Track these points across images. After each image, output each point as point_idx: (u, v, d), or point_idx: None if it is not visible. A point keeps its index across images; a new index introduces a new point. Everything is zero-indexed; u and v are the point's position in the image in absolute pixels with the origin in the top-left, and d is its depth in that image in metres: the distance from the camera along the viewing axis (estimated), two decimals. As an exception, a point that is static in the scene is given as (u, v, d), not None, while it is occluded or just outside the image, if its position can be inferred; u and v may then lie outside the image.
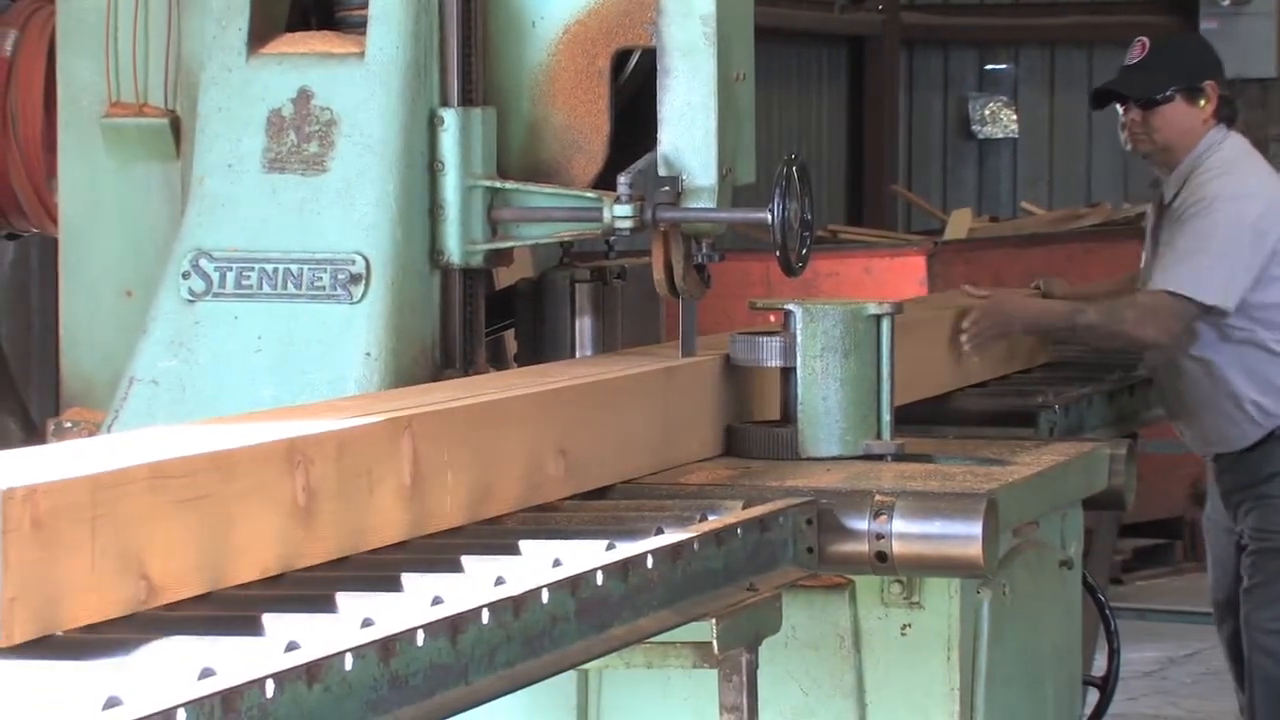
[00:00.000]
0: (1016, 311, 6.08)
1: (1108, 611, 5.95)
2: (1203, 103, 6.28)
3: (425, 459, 3.57)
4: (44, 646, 2.74)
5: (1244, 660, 6.34)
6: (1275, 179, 6.36)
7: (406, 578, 3.14)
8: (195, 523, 3.04)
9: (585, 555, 3.33)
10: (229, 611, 2.98)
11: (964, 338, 5.78)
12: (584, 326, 5.02)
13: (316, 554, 3.31)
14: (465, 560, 3.28)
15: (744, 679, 3.79)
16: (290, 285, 4.63)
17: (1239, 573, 6.36)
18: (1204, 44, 7.19)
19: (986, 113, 15.36)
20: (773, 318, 4.71)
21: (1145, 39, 6.39)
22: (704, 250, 4.68)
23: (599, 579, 3.26)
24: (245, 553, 3.15)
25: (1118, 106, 6.34)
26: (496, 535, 3.61)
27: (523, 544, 3.43)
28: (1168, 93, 6.23)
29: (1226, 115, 6.37)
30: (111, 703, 2.43)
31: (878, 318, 4.64)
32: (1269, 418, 6.16)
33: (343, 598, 3.00)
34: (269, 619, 2.87)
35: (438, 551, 3.42)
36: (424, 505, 3.59)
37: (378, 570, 3.26)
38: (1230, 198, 6.13)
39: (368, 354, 4.57)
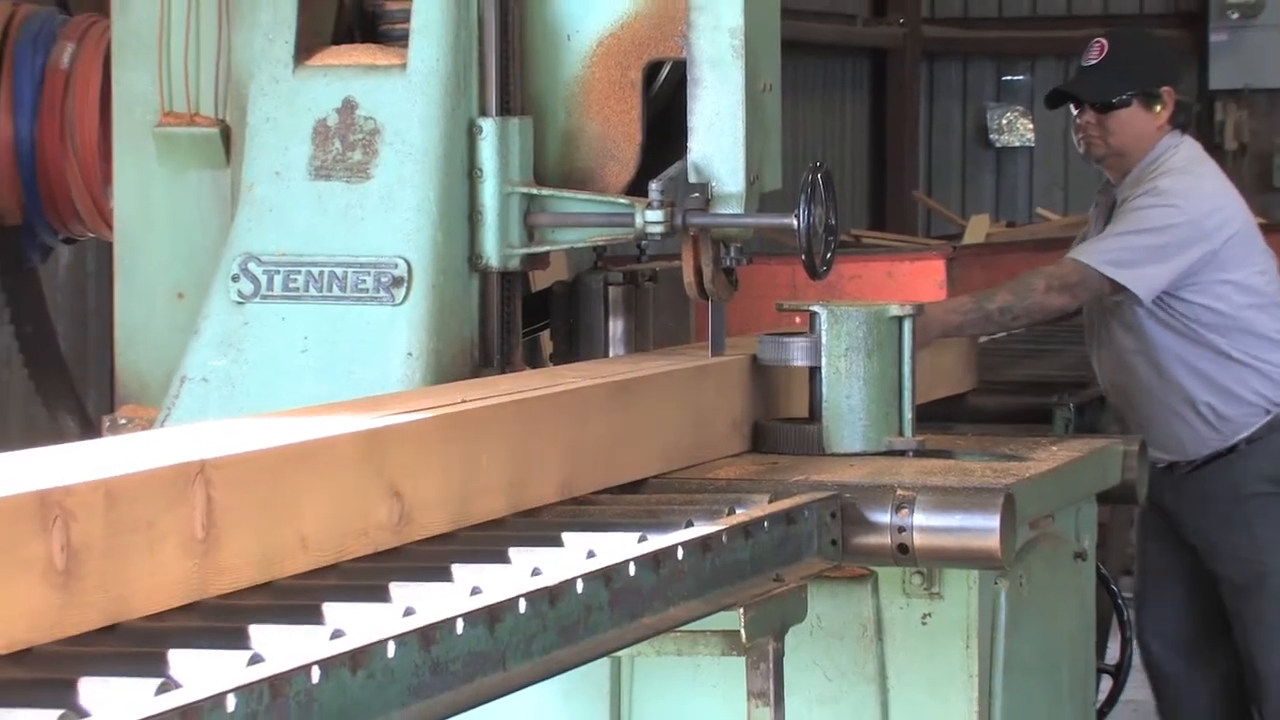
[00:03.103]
0: (929, 320, 5.56)
1: (1120, 601, 5.94)
2: (1159, 108, 6.07)
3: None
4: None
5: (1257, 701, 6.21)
6: (1228, 185, 6.19)
7: (456, 569, 3.15)
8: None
9: (618, 547, 3.34)
10: (286, 601, 2.99)
11: None
12: (617, 327, 5.02)
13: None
14: (512, 551, 3.29)
15: (771, 666, 3.79)
16: (335, 288, 4.64)
17: (1205, 607, 6.21)
18: (1162, 48, 6.92)
19: (1004, 122, 15.36)
20: (798, 319, 4.71)
21: (1104, 40, 6.18)
22: (732, 254, 4.68)
23: (631, 570, 3.26)
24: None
25: (1072, 108, 6.17)
26: (537, 527, 3.61)
27: (563, 536, 3.44)
28: (1124, 97, 6.04)
29: (1181, 122, 6.14)
30: (164, 688, 2.44)
31: (899, 319, 4.65)
32: (1227, 424, 6.01)
33: (395, 587, 3.01)
34: (327, 607, 2.88)
35: (483, 543, 3.43)
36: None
37: (428, 561, 3.26)
38: (1178, 193, 5.95)
39: (409, 353, 4.58)
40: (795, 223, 4.59)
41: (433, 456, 3.46)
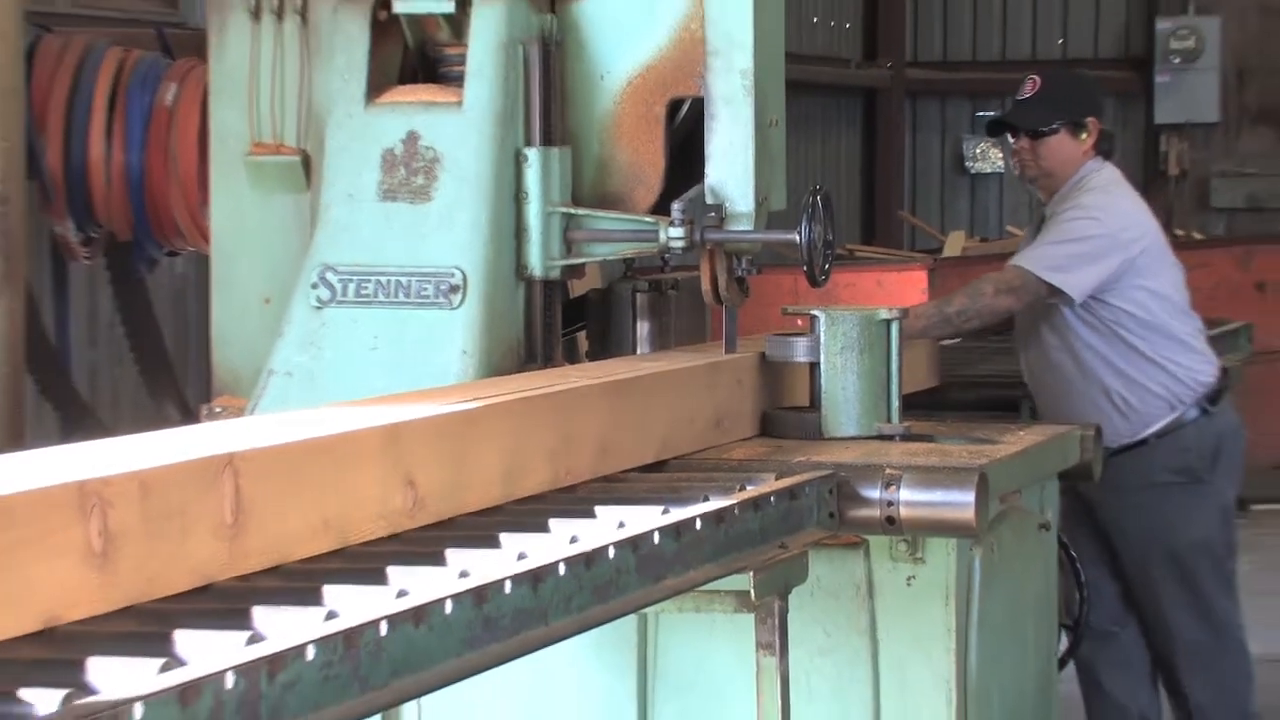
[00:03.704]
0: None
1: (1078, 566, 5.90)
2: (1084, 136, 6.03)
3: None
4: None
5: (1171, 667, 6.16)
6: (1142, 205, 6.12)
7: (503, 537, 3.13)
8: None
9: (645, 518, 3.32)
10: (354, 565, 2.98)
11: None
12: (643, 329, 5.02)
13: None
14: (552, 522, 3.27)
15: (776, 621, 3.78)
16: (400, 294, 4.63)
17: (1121, 582, 6.12)
18: (1089, 84, 6.80)
19: (977, 152, 15.34)
20: (800, 322, 4.70)
21: (1036, 77, 6.16)
22: (743, 265, 4.68)
23: (656, 538, 3.26)
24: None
25: (1009, 136, 6.12)
26: (574, 501, 3.60)
27: (597, 508, 3.42)
28: (1054, 125, 5.99)
29: (1105, 149, 6.11)
30: (253, 640, 2.43)
31: (888, 321, 4.64)
32: (1136, 415, 5.94)
33: (450, 553, 2.99)
34: (391, 570, 2.86)
35: (527, 515, 3.41)
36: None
37: (479, 530, 3.24)
38: (1100, 208, 5.92)
39: (464, 351, 4.57)
40: (798, 238, 4.58)
41: (444, 449, 3.37)
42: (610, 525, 3.28)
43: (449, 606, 2.69)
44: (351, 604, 2.62)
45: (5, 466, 2.57)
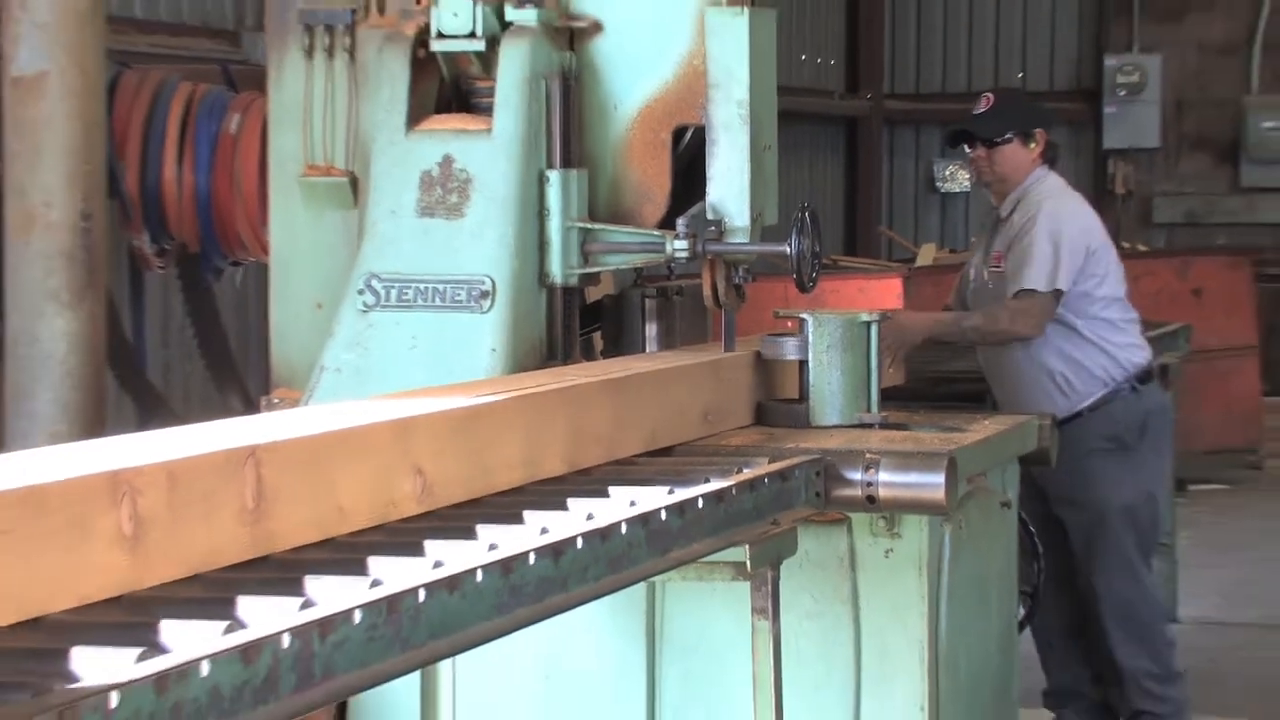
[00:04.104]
0: (913, 326, 5.68)
1: (1035, 541, 5.89)
2: (1033, 145, 6.00)
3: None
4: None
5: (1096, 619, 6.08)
6: (1088, 207, 6.10)
7: (527, 514, 3.13)
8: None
9: (653, 498, 3.32)
10: (395, 539, 2.97)
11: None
12: (652, 330, 5.01)
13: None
14: (570, 501, 3.27)
15: (769, 589, 3.77)
16: (437, 299, 4.62)
17: (1059, 545, 6.04)
18: (1035, 102, 6.87)
19: (947, 174, 15.31)
20: (790, 324, 4.69)
21: (990, 94, 6.14)
22: (740, 274, 4.66)
23: (663, 515, 3.25)
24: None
25: (966, 146, 6.11)
26: (590, 482, 3.58)
27: (610, 489, 3.41)
28: (1007, 136, 5.97)
29: (1050, 157, 6.09)
30: (305, 605, 2.42)
31: (868, 324, 4.62)
32: (1075, 393, 5.89)
33: (480, 529, 2.99)
34: (427, 544, 2.85)
35: (548, 495, 3.40)
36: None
37: (506, 509, 3.24)
38: (1054, 213, 5.89)
39: (493, 350, 4.56)
40: (788, 250, 4.57)
41: (449, 441, 3.29)
42: (623, 504, 3.27)
43: (480, 575, 2.68)
44: (393, 573, 2.62)
45: (44, 458, 2.52)
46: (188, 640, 2.23)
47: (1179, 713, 5.99)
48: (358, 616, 2.41)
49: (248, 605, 2.43)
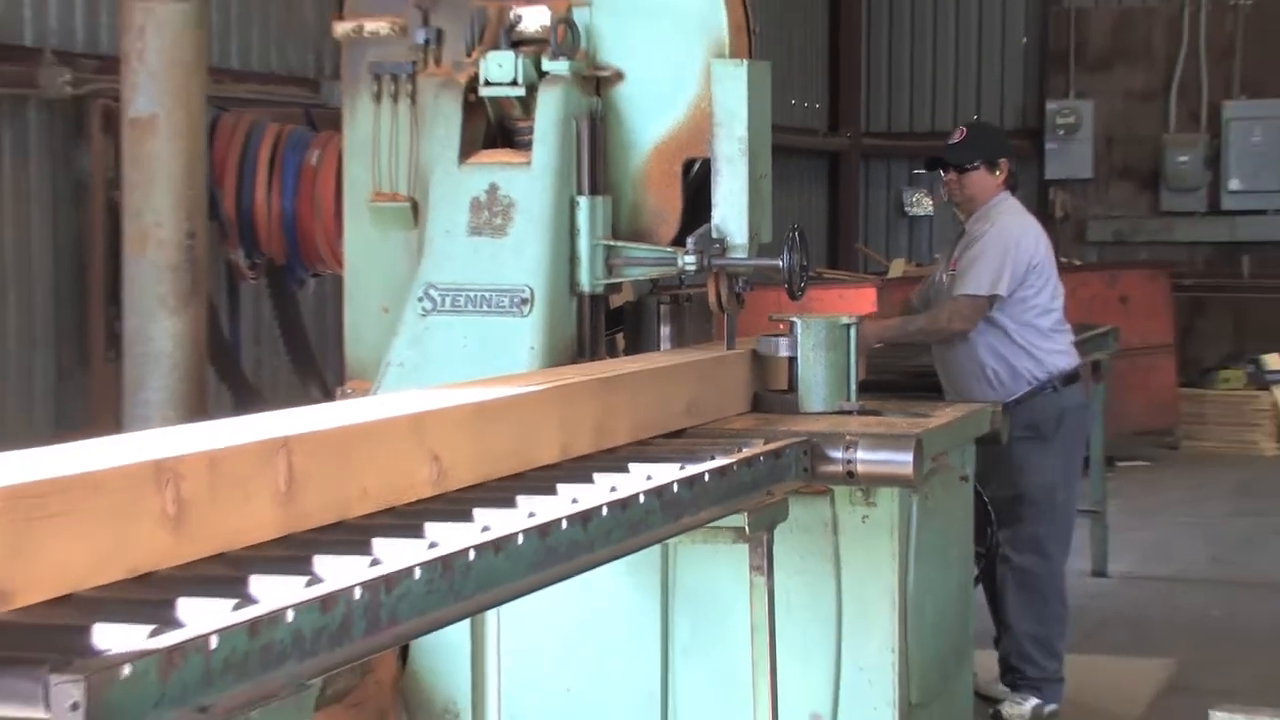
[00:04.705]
0: (867, 334, 5.33)
1: (989, 509, 5.86)
2: (998, 173, 5.92)
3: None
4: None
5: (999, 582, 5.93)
6: (1039, 227, 5.98)
7: (560, 487, 3.11)
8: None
9: (667, 472, 3.30)
10: (451, 507, 2.95)
11: None
12: (665, 332, 4.99)
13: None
14: (596, 475, 3.25)
15: (765, 550, 3.76)
16: (484, 305, 4.61)
17: (982, 518, 5.84)
18: (1002, 135, 6.73)
19: (914, 200, 15.26)
20: (782, 326, 4.67)
21: (964, 128, 6.10)
22: (740, 284, 4.64)
23: (675, 487, 3.23)
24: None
25: (941, 170, 6.04)
26: (614, 460, 3.57)
27: (630, 465, 3.40)
28: (975, 164, 5.89)
29: (1012, 184, 6.02)
30: (374, 563, 2.41)
31: (847, 326, 4.61)
32: (1004, 388, 5.78)
33: (520, 499, 2.97)
34: (476, 511, 2.83)
35: (578, 470, 3.39)
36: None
37: (540, 482, 3.22)
38: (1006, 228, 5.81)
39: (531, 348, 4.55)
40: (781, 264, 4.55)
41: (461, 432, 3.14)
42: (640, 478, 3.25)
43: (520, 538, 2.67)
44: (447, 537, 2.60)
45: (100, 448, 2.44)
46: (274, 592, 2.22)
47: (1047, 682, 5.84)
48: (418, 573, 2.40)
49: (323, 563, 2.42)
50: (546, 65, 4.67)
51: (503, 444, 3.23)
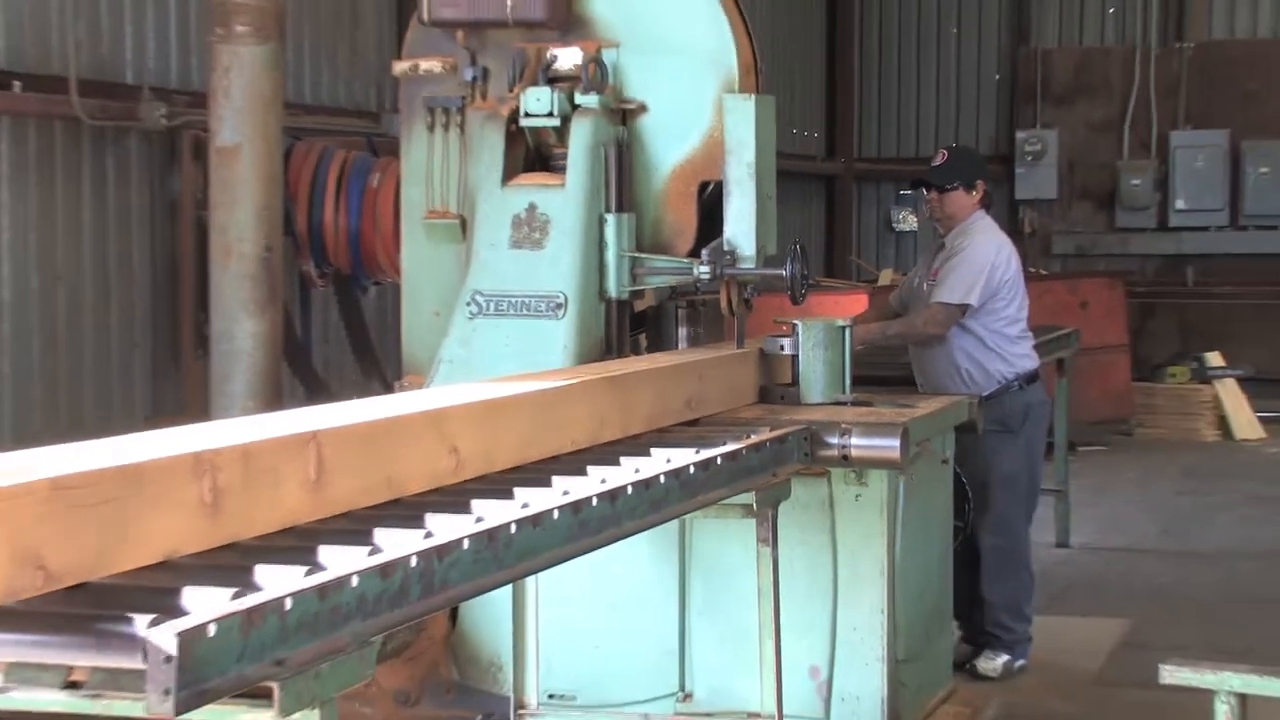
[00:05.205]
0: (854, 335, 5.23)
1: (966, 489, 5.82)
2: (974, 193, 5.79)
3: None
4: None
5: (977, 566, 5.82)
6: (1010, 245, 5.87)
7: (591, 469, 3.09)
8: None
9: (684, 456, 3.28)
10: (489, 486, 2.93)
11: None
12: (683, 333, 4.99)
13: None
14: (622, 459, 3.24)
15: (770, 524, 3.75)
16: (524, 310, 4.61)
17: (958, 501, 5.70)
18: (979, 158, 6.57)
19: (900, 217, 15.22)
20: (785, 328, 4.65)
21: (945, 150, 5.95)
22: (749, 291, 4.63)
23: (691, 469, 3.22)
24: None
25: (924, 190, 5.91)
26: (637, 445, 3.55)
27: (652, 450, 3.38)
28: (954, 184, 5.75)
29: (987, 203, 5.89)
30: (427, 536, 2.40)
31: (843, 328, 4.59)
32: (974, 385, 5.66)
33: (556, 479, 2.96)
34: (517, 490, 2.82)
35: (606, 454, 3.37)
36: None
37: (573, 464, 3.21)
38: (981, 245, 5.70)
39: (565, 348, 4.55)
40: (785, 273, 4.53)
41: (477, 426, 3.01)
42: (661, 461, 3.24)
43: (556, 514, 2.66)
44: (492, 512, 2.59)
45: (144, 441, 2.36)
46: (341, 561, 2.22)
47: (1018, 643, 5.80)
48: (466, 544, 2.39)
49: (382, 536, 2.41)
50: (579, 99, 4.66)
51: (513, 437, 3.14)
